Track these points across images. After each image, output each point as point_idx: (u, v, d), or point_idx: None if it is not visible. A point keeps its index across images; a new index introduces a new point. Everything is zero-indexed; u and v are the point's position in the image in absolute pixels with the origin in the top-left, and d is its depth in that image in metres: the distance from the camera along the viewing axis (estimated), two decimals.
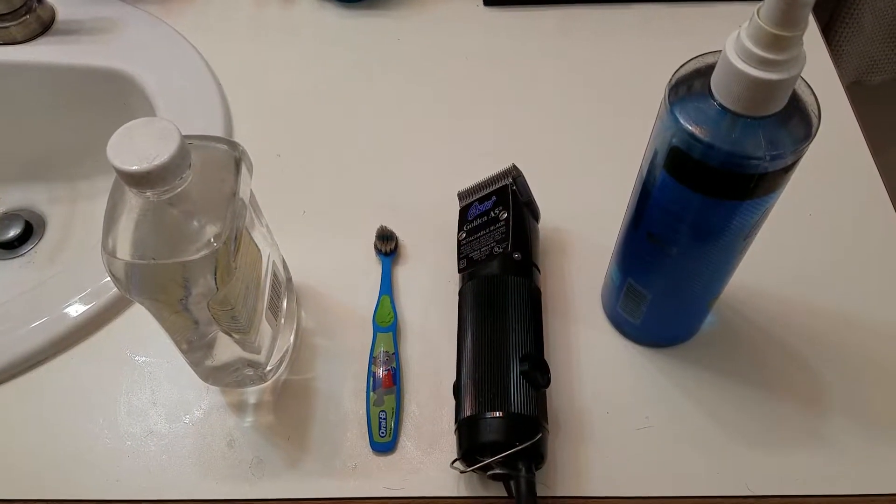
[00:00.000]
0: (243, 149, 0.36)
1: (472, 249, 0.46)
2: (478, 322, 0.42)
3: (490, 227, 0.45)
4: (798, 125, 0.31)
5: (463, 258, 0.46)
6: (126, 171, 0.31)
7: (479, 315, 0.42)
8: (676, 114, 0.31)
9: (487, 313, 0.42)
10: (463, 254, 0.46)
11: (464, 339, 0.42)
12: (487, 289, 0.43)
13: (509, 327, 0.41)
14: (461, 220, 0.48)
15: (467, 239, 0.46)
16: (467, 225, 0.47)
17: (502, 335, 0.41)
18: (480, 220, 0.47)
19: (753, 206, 0.33)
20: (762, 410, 0.43)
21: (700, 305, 0.42)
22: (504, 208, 0.46)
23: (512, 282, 0.43)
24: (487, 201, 0.47)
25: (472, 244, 0.46)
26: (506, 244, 0.44)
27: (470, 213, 0.48)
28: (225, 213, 0.34)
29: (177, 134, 0.31)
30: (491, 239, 0.45)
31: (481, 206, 0.47)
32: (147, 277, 0.34)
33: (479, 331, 0.42)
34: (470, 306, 0.43)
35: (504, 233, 0.44)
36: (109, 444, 0.43)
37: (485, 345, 0.41)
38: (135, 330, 0.47)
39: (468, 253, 0.46)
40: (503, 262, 0.44)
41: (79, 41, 0.62)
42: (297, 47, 0.63)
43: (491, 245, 0.45)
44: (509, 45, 0.62)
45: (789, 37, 0.27)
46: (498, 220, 0.45)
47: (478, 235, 0.46)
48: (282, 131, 0.57)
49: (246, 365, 0.41)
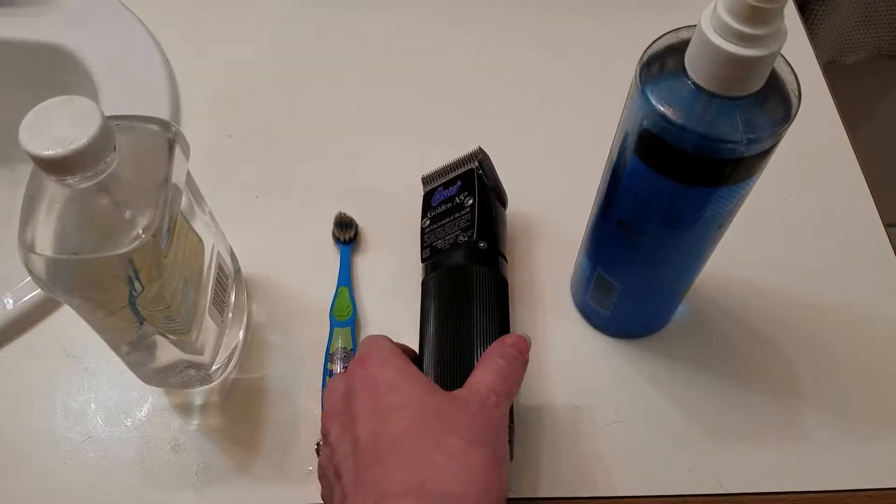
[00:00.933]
0: (177, 129, 0.33)
1: (435, 238, 0.43)
2: (441, 315, 0.39)
3: (455, 213, 0.43)
4: (777, 106, 0.29)
5: (426, 247, 0.43)
6: (41, 156, 0.27)
7: (442, 307, 0.40)
8: (648, 94, 0.29)
9: (451, 306, 0.39)
10: (426, 242, 0.43)
11: (426, 332, 0.40)
12: (451, 280, 0.41)
13: (474, 320, 0.39)
14: (425, 206, 0.46)
15: (431, 226, 0.44)
16: (431, 211, 0.45)
17: (466, 329, 0.38)
18: (445, 207, 0.44)
19: (729, 192, 0.30)
20: (736, 403, 0.41)
21: (672, 296, 0.40)
22: (469, 194, 0.43)
23: (477, 272, 0.40)
24: (452, 186, 0.44)
25: (436, 232, 0.43)
26: (471, 232, 0.41)
27: (434, 199, 0.45)
28: (156, 201, 0.30)
29: (98, 113, 0.28)
30: (455, 227, 0.42)
31: (446, 191, 0.45)
32: (75, 274, 0.31)
33: (442, 324, 0.39)
34: (433, 297, 0.40)
35: (469, 220, 0.42)
36: (44, 449, 0.40)
37: (447, 339, 0.38)
38: (72, 326, 0.43)
39: (432, 241, 0.43)
40: (468, 252, 0.41)
41: (14, 14, 0.57)
42: (251, 19, 0.59)
43: (455, 233, 0.42)
44: (474, 19, 0.59)
45: (769, 9, 0.25)
46: (463, 207, 0.43)
47: (442, 223, 0.43)
48: (234, 110, 0.54)
49: (188, 366, 0.38)
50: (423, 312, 0.41)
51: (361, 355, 0.33)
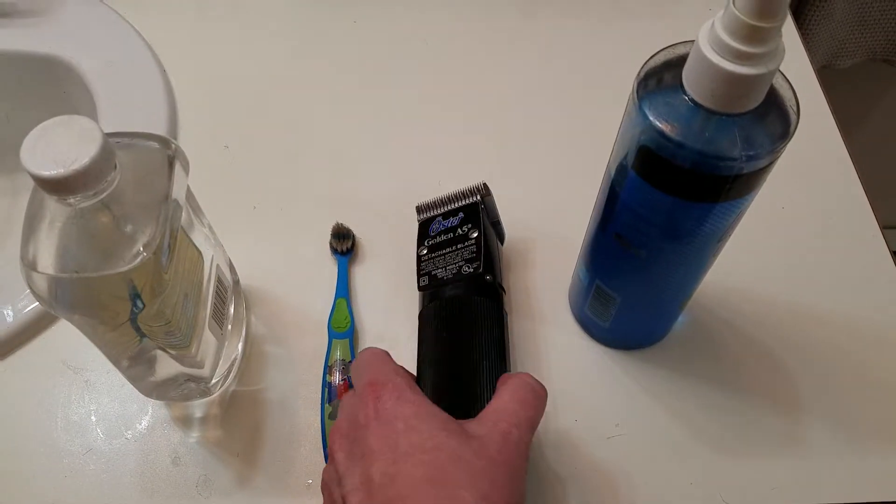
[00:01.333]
0: (177, 146, 0.33)
1: (434, 266, 0.42)
2: (444, 349, 0.38)
3: (457, 244, 0.42)
4: (775, 122, 0.29)
5: (424, 275, 0.42)
6: (42, 176, 0.28)
7: (447, 338, 0.39)
8: (645, 110, 0.29)
9: (457, 337, 0.39)
10: (424, 270, 0.42)
11: (428, 361, 0.38)
12: (458, 310, 0.40)
13: (482, 352, 0.38)
14: (421, 234, 0.45)
15: (429, 255, 0.43)
16: (429, 240, 0.44)
17: (476, 360, 0.37)
18: (445, 237, 0.43)
19: (728, 208, 0.31)
20: (737, 416, 0.41)
21: (671, 308, 0.40)
22: (475, 227, 0.42)
23: (483, 304, 0.40)
24: (453, 217, 0.44)
25: (435, 261, 0.42)
26: (477, 264, 0.41)
27: (433, 228, 0.44)
28: (157, 218, 0.31)
29: (98, 133, 0.28)
30: (458, 257, 0.41)
31: (446, 221, 0.44)
32: (77, 292, 0.31)
33: (449, 355, 0.38)
34: (435, 327, 0.39)
35: (475, 252, 0.41)
36: (45, 462, 0.40)
37: (454, 370, 0.37)
38: (73, 339, 0.43)
39: (430, 270, 0.42)
40: (474, 283, 0.40)
41: (12, 25, 0.57)
42: (248, 30, 0.59)
43: (458, 264, 0.41)
44: (470, 29, 0.59)
45: (768, 28, 0.25)
46: (467, 238, 0.42)
47: (442, 252, 0.42)
48: (230, 121, 0.54)
49: (187, 379, 0.38)
50: (423, 342, 0.40)
51: (375, 380, 0.32)
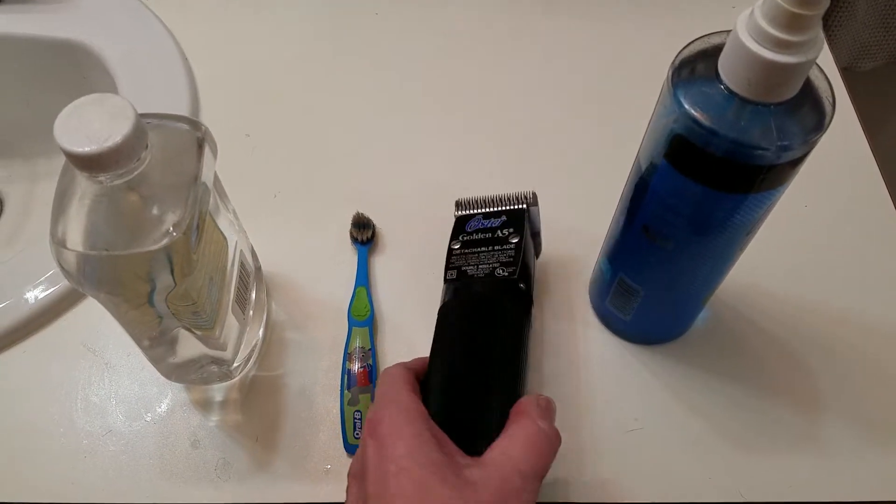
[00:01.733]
0: (206, 129, 0.33)
1: (466, 262, 0.40)
2: (459, 358, 0.36)
3: (494, 246, 0.40)
4: (810, 113, 0.28)
5: (453, 268, 0.40)
6: (75, 153, 0.28)
7: (462, 348, 0.36)
8: (680, 97, 0.29)
9: (472, 349, 0.36)
10: (454, 264, 0.41)
11: (437, 372, 0.35)
12: (483, 312, 0.37)
13: (496, 371, 0.35)
14: (457, 229, 0.43)
15: (462, 251, 0.41)
16: (464, 235, 0.42)
17: (484, 381, 0.35)
18: (482, 236, 0.41)
19: (759, 199, 0.30)
20: (756, 412, 0.41)
21: (695, 302, 0.40)
22: (516, 232, 0.41)
23: (510, 313, 0.37)
24: (495, 219, 0.42)
25: (467, 257, 0.40)
26: (513, 269, 0.38)
27: (471, 225, 0.42)
28: (186, 198, 0.31)
29: (132, 112, 0.28)
30: (493, 259, 0.40)
31: (486, 221, 0.42)
32: (103, 270, 0.31)
33: (460, 373, 0.35)
34: (455, 329, 0.37)
35: (512, 257, 0.39)
36: (65, 442, 0.40)
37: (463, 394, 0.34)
38: (94, 320, 0.44)
39: (461, 265, 0.40)
40: (505, 288, 0.38)
41: (35, 10, 0.58)
42: (269, 18, 0.59)
43: (493, 265, 0.39)
44: (492, 22, 0.59)
45: (809, 16, 0.25)
46: (507, 242, 0.40)
47: (476, 250, 0.40)
48: (252, 108, 0.54)
49: (210, 362, 0.38)
50: (440, 339, 0.37)
51: (373, 417, 0.31)
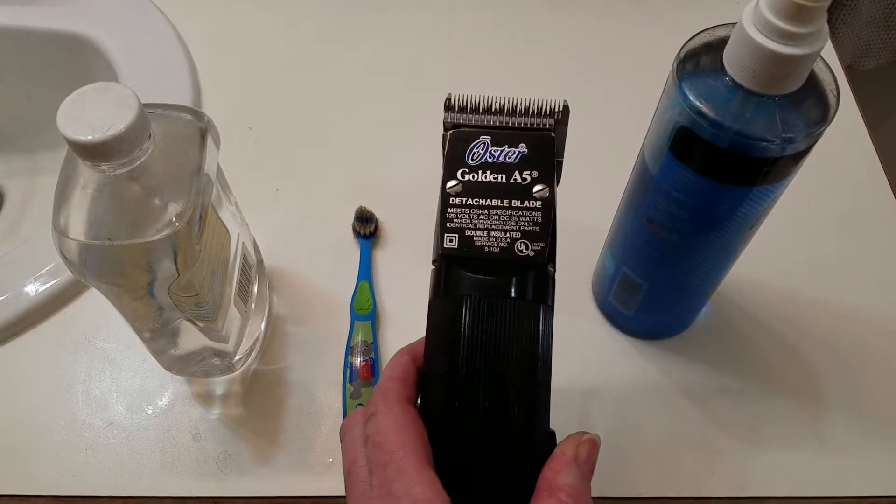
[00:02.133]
0: (209, 119, 0.33)
1: (472, 222, 0.27)
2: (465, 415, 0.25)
3: (512, 198, 0.27)
4: (815, 106, 0.28)
5: (453, 231, 0.27)
6: (78, 141, 0.28)
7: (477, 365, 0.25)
8: (685, 89, 0.29)
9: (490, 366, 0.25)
10: (454, 223, 0.27)
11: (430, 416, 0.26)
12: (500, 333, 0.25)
13: (515, 429, 0.25)
14: (452, 156, 0.28)
15: (464, 200, 0.27)
16: (466, 171, 0.28)
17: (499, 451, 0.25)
18: (493, 177, 0.27)
19: (763, 192, 0.30)
20: (758, 407, 0.41)
21: (698, 297, 0.40)
22: (543, 178, 0.27)
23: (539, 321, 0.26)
24: (510, 147, 0.28)
25: (472, 213, 0.27)
26: (542, 246, 0.26)
27: (473, 153, 0.28)
28: (188, 189, 0.31)
29: (135, 101, 0.28)
30: (512, 223, 0.27)
31: (497, 150, 0.28)
32: (105, 260, 0.31)
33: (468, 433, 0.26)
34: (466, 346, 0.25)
35: (539, 222, 0.27)
36: (66, 435, 0.40)
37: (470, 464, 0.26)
38: (95, 313, 0.44)
39: (465, 225, 0.27)
40: (533, 276, 0.26)
41: (38, 3, 0.57)
42: (272, 12, 0.59)
43: (511, 234, 0.26)
44: (496, 18, 0.59)
45: (814, 7, 0.25)
46: (529, 195, 0.27)
47: (485, 202, 0.27)
48: (254, 102, 0.54)
49: (212, 354, 0.38)
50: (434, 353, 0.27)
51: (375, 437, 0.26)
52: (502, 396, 0.25)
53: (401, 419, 0.26)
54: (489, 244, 0.26)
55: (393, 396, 0.26)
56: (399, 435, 0.25)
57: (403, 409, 0.26)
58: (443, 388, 0.26)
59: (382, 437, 0.25)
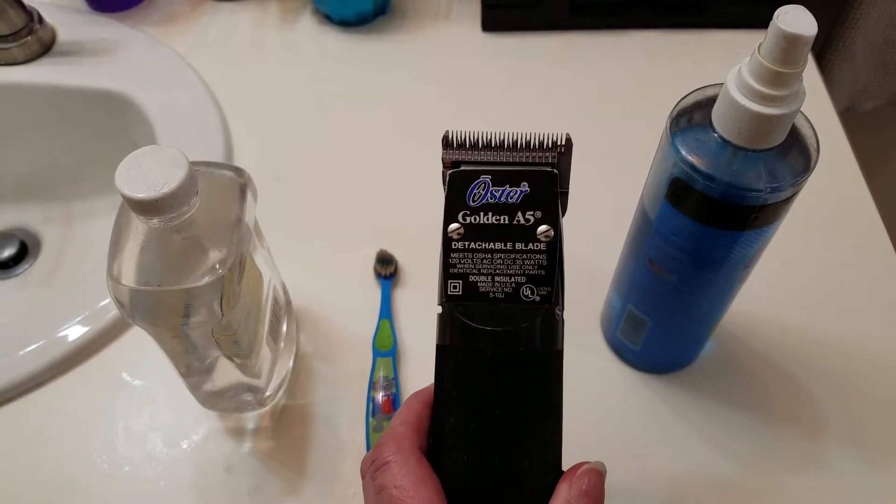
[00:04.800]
0: (249, 175, 0.36)
1: (475, 267, 0.26)
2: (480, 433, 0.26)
3: (515, 241, 0.26)
4: (797, 158, 0.31)
5: (457, 277, 0.26)
6: (135, 198, 0.31)
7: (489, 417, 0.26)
8: (677, 145, 0.32)
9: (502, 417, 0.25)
10: (458, 268, 0.26)
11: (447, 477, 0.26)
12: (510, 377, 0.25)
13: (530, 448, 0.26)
14: (454, 197, 0.27)
15: (467, 243, 0.27)
16: (467, 213, 0.27)
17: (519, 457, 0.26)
18: (494, 218, 0.27)
19: (754, 236, 0.33)
20: (762, 438, 0.43)
21: (700, 332, 0.43)
22: (547, 216, 0.27)
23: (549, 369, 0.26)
24: (511, 186, 0.27)
25: (475, 257, 0.26)
26: (547, 290, 0.26)
27: (474, 193, 0.27)
28: (230, 239, 0.34)
29: (185, 161, 0.32)
30: (516, 266, 0.26)
31: (499, 190, 0.27)
32: (150, 303, 0.34)
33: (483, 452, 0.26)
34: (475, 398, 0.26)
35: (544, 265, 0.26)
36: (107, 469, 0.42)
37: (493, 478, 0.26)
38: (132, 353, 0.47)
39: (468, 271, 0.26)
40: (541, 323, 0.26)
41: (79, 62, 0.62)
42: (297, 70, 0.63)
43: (515, 277, 0.26)
44: (508, 71, 0.63)
45: (790, 73, 0.28)
46: (533, 237, 0.26)
47: (487, 245, 0.26)
48: (282, 154, 0.57)
49: (245, 390, 0.41)
50: (444, 407, 0.26)
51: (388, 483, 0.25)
52: (515, 448, 0.25)
53: (418, 471, 0.25)
54: (494, 290, 0.26)
55: (406, 444, 0.26)
56: (418, 490, 0.25)
57: (418, 459, 0.26)
58: (454, 440, 0.26)
59: (401, 492, 0.25)
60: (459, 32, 0.65)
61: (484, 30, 0.65)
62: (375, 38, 0.65)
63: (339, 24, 0.65)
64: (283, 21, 0.66)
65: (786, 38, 0.27)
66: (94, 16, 0.66)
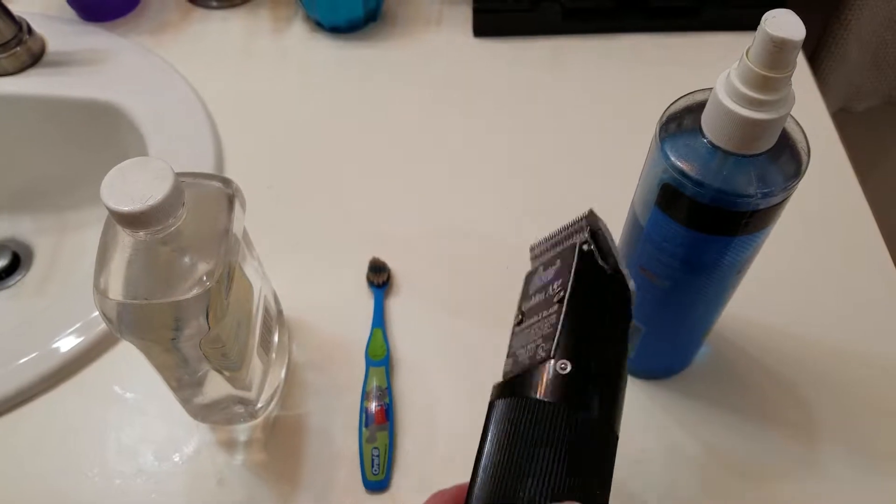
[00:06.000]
0: (237, 186, 0.36)
1: (521, 343, 0.29)
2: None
3: (542, 310, 0.29)
4: (788, 162, 0.31)
5: (510, 356, 0.30)
6: (120, 211, 0.30)
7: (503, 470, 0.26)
8: (667, 150, 0.32)
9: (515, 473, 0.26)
10: (511, 349, 0.30)
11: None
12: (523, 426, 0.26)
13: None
14: (522, 292, 0.32)
15: (522, 326, 0.30)
16: (526, 302, 0.31)
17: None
18: (538, 298, 0.30)
19: (745, 241, 0.33)
20: (758, 442, 0.43)
21: (694, 337, 0.42)
22: (563, 284, 0.29)
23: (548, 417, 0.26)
24: (549, 267, 0.31)
25: (523, 335, 0.29)
26: (549, 345, 0.27)
27: (533, 285, 0.31)
28: (218, 250, 0.33)
29: (171, 174, 0.31)
30: (537, 332, 0.28)
31: (545, 274, 0.31)
32: (138, 317, 0.34)
33: None
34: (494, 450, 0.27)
35: (553, 324, 0.28)
36: (98, 483, 0.42)
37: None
38: (124, 366, 0.46)
39: (517, 348, 0.29)
40: (548, 378, 0.27)
41: (69, 73, 0.61)
42: (288, 78, 0.63)
43: (536, 343, 0.28)
44: (500, 76, 0.63)
45: (778, 78, 0.28)
46: (552, 302, 0.29)
47: (530, 322, 0.30)
48: (273, 163, 0.57)
49: (236, 402, 0.41)
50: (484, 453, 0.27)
51: None
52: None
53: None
54: (524, 358, 0.28)
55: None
56: None
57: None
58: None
59: None
60: (451, 38, 0.65)
61: (475, 35, 0.65)
62: (367, 45, 0.65)
63: (330, 30, 0.65)
64: (275, 28, 0.66)
65: (774, 42, 0.27)
66: (84, 25, 0.65)
